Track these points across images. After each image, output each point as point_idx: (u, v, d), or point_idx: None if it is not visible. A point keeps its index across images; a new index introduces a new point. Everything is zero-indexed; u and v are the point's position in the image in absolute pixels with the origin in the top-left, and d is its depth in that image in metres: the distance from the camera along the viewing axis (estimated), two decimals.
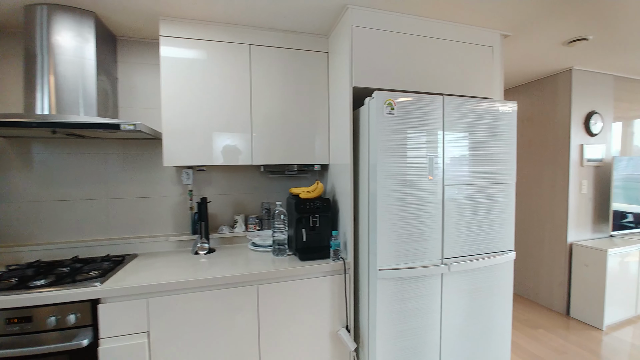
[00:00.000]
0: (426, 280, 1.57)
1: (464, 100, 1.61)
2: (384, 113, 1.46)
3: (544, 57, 2.46)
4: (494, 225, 1.71)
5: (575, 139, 2.75)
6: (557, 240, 2.85)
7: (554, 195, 2.87)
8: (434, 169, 1.56)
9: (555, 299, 2.92)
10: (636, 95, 3.07)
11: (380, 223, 1.48)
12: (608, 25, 1.92)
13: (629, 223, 2.89)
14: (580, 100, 2.75)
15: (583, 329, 2.60)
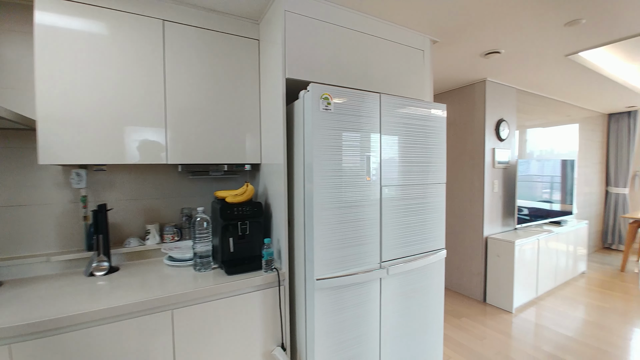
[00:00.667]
0: (366, 286, 1.50)
1: (400, 100, 1.59)
2: (320, 108, 1.33)
3: (465, 66, 2.66)
4: (427, 225, 1.73)
5: (489, 143, 3.05)
6: (475, 235, 3.13)
7: (472, 194, 3.14)
8: (372, 169, 1.50)
9: (474, 288, 3.20)
10: (532, 107, 3.57)
11: (318, 228, 1.35)
12: (516, 40, 2.13)
13: (526, 216, 3.33)
14: (492, 109, 3.06)
15: (497, 313, 2.88)
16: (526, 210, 3.28)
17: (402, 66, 1.87)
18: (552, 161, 3.62)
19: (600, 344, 2.37)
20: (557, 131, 4.00)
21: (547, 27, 1.94)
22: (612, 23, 1.89)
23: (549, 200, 3.55)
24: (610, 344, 2.37)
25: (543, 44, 2.21)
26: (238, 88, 1.70)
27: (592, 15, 1.80)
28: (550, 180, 3.58)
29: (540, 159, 3.61)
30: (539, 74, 2.89)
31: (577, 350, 2.30)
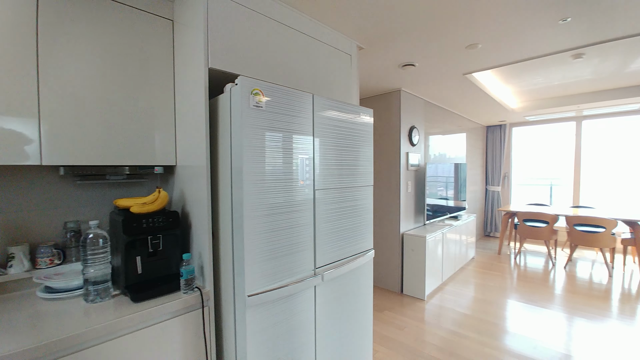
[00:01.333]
0: (301, 296, 1.42)
1: (332, 102, 1.56)
2: (250, 104, 1.20)
3: (386, 75, 2.84)
4: (358, 227, 1.75)
5: (403, 148, 3.34)
6: (394, 232, 3.38)
7: (390, 194, 3.39)
8: (305, 172, 1.43)
9: (393, 281, 3.45)
10: (434, 117, 4.07)
11: (248, 237, 1.21)
12: (426, 56, 2.36)
13: (432, 213, 3.77)
14: (406, 116, 3.36)
15: (413, 302, 3.16)
16: (432, 208, 3.70)
17: (331, 68, 1.86)
18: (448, 164, 4.20)
19: (488, 317, 2.81)
20: (451, 139, 4.66)
21: (452, 47, 2.20)
22: (502, 50, 2.26)
23: (447, 198, 4.09)
24: (495, 316, 2.83)
25: (447, 62, 2.51)
26: (147, 75, 1.42)
27: (488, 41, 2.12)
28: (448, 181, 4.13)
29: (440, 162, 4.13)
30: (442, 89, 3.30)
31: (473, 324, 2.68)
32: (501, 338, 2.48)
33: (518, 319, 2.79)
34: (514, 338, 2.48)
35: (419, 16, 1.76)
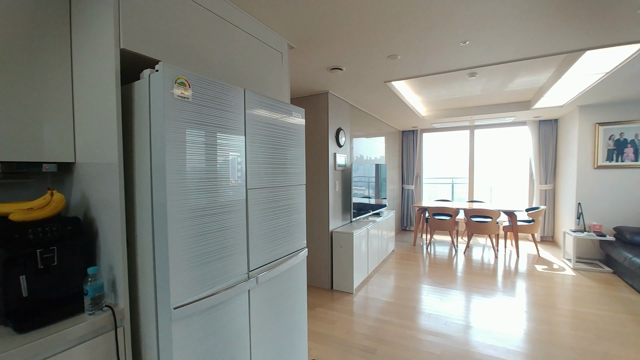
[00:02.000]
0: (234, 302, 1.33)
1: (265, 98, 1.52)
2: (175, 95, 1.08)
3: (315, 77, 2.90)
4: (291, 227, 1.74)
5: (331, 149, 3.47)
6: (323, 230, 3.47)
7: (320, 193, 3.47)
8: (237, 171, 1.35)
9: (323, 278, 3.54)
10: (359, 120, 4.33)
11: (173, 244, 1.08)
12: (352, 62, 2.50)
13: (357, 211, 4.00)
14: (333, 118, 3.49)
15: (342, 297, 3.29)
16: (357, 206, 3.92)
17: (263, 65, 1.81)
18: (370, 165, 4.52)
19: (408, 302, 3.12)
20: (373, 141, 5.03)
21: (375, 55, 2.37)
22: (417, 63, 2.53)
23: (370, 196, 4.40)
24: (413, 300, 3.16)
25: (371, 69, 2.70)
26: (28, 49, 1.15)
27: (406, 54, 2.35)
28: (370, 181, 4.44)
29: (363, 163, 4.42)
30: (366, 94, 3.53)
31: (395, 310, 2.93)
32: (419, 320, 2.78)
33: (431, 301, 3.16)
34: (429, 318, 2.80)
35: (347, 23, 1.85)
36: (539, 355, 2.23)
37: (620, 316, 2.79)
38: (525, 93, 3.98)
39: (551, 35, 2.07)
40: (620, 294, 3.28)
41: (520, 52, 2.36)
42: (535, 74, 3.16)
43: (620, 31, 2.00)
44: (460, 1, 1.64)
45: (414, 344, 2.39)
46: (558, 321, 2.71)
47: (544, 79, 3.37)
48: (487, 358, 2.20)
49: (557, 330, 2.55)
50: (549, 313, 2.86)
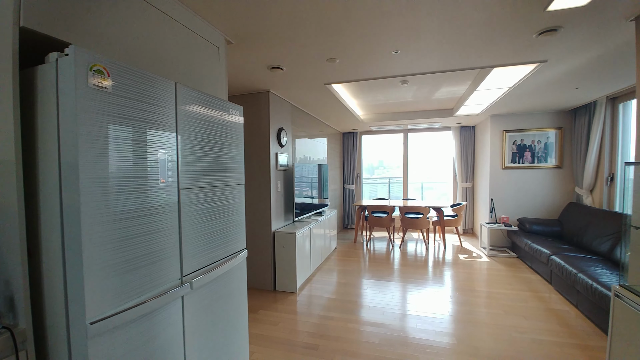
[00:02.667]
0: (166, 310, 1.24)
1: (200, 94, 1.44)
2: (90, 84, 0.96)
3: (255, 75, 2.85)
4: (229, 228, 1.68)
5: (273, 149, 3.43)
6: (265, 231, 3.42)
7: (261, 193, 3.41)
8: (167, 169, 1.26)
9: (266, 279, 3.48)
10: (301, 121, 4.37)
11: (89, 251, 0.96)
12: (292, 62, 2.52)
13: (300, 210, 4.04)
14: (274, 118, 3.47)
15: (285, 297, 3.28)
16: (300, 206, 3.95)
17: (198, 59, 1.72)
18: (313, 165, 4.60)
19: (349, 297, 3.24)
20: (315, 142, 5.13)
21: (315, 57, 2.43)
22: (354, 67, 2.65)
23: (313, 196, 4.48)
24: (354, 295, 3.30)
25: (312, 71, 2.75)
26: None
27: (344, 58, 2.44)
28: (313, 181, 4.52)
29: (306, 164, 4.48)
30: (307, 95, 3.58)
31: (338, 306, 3.03)
32: (360, 313, 2.91)
33: (371, 294, 3.33)
34: (368, 310, 2.95)
35: (284, 22, 1.85)
36: (461, 333, 2.51)
37: (523, 293, 3.28)
38: (449, 102, 4.46)
39: (468, 52, 2.35)
40: (523, 275, 3.87)
41: (443, 64, 2.64)
42: (456, 85, 3.56)
43: (519, 53, 2.37)
44: (390, 13, 1.77)
45: (354, 336, 2.50)
46: (476, 302, 3.08)
47: (463, 90, 3.81)
48: (419, 341, 2.41)
49: (475, 310, 2.90)
50: (469, 296, 3.24)
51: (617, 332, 1.57)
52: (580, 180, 4.34)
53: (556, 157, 4.78)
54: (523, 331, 2.52)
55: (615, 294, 1.56)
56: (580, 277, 2.76)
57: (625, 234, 1.69)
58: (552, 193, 4.82)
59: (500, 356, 2.20)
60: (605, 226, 3.44)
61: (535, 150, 4.88)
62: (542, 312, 2.84)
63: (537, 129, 4.86)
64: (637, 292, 1.46)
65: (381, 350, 2.30)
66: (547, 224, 4.42)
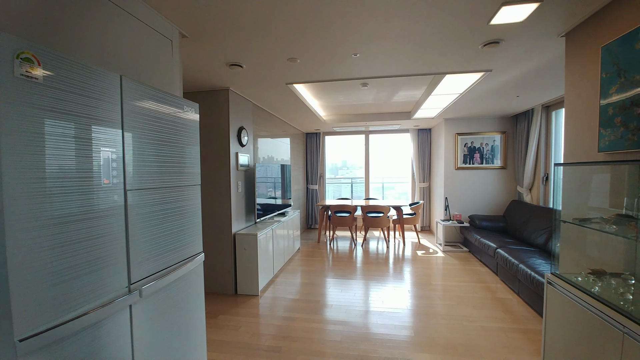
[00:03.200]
0: (110, 323, 1.14)
1: (149, 89, 1.36)
2: (17, 73, 0.86)
3: (213, 72, 2.74)
4: (185, 230, 1.60)
5: (233, 148, 3.34)
6: (225, 233, 3.31)
7: (221, 194, 3.30)
8: (112, 169, 1.17)
9: (226, 283, 3.37)
10: (263, 120, 4.31)
11: (18, 259, 0.86)
12: (253, 60, 2.47)
13: (262, 211, 3.98)
14: (235, 117, 3.37)
15: (247, 300, 3.20)
16: (262, 206, 3.89)
17: (149, 52, 1.62)
18: (276, 165, 4.55)
19: (312, 297, 3.25)
20: (278, 142, 5.08)
21: (276, 56, 2.40)
22: (315, 68, 2.66)
23: (276, 196, 4.43)
24: (317, 295, 3.31)
25: (273, 70, 2.72)
26: None
27: (305, 59, 2.44)
28: (276, 181, 4.47)
29: (269, 164, 4.41)
30: (269, 94, 3.53)
31: (301, 306, 3.02)
32: (323, 312, 2.93)
33: (334, 293, 3.37)
34: (331, 309, 2.98)
35: (243, 16, 1.81)
36: (418, 325, 2.63)
37: (473, 285, 3.53)
38: (407, 105, 4.67)
39: (423, 59, 2.48)
40: (473, 267, 4.16)
41: (400, 69, 2.76)
42: (413, 89, 3.74)
43: (468, 62, 2.55)
44: (350, 15, 1.80)
45: (317, 335, 2.51)
46: (432, 295, 3.25)
47: (420, 94, 4.01)
48: (380, 336, 2.48)
49: (431, 303, 3.07)
50: (426, 290, 3.41)
51: (550, 315, 1.74)
52: (521, 180, 4.78)
53: (501, 159, 5.22)
54: (473, 320, 2.71)
55: (548, 282, 1.74)
56: (521, 267, 3.04)
57: (556, 227, 1.90)
58: (498, 191, 5.25)
59: (453, 344, 2.35)
60: (541, 221, 3.83)
61: (484, 152, 5.28)
62: (489, 301, 3.08)
63: (485, 132, 5.26)
64: (566, 279, 1.64)
65: (343, 347, 2.34)
66: (494, 220, 4.81)
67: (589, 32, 1.81)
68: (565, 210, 1.85)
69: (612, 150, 1.63)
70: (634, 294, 1.38)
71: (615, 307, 1.31)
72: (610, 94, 1.65)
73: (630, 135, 1.52)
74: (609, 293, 1.45)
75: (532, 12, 1.77)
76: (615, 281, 1.52)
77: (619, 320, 1.25)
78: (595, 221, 1.63)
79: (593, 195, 1.77)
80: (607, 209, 1.61)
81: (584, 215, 1.73)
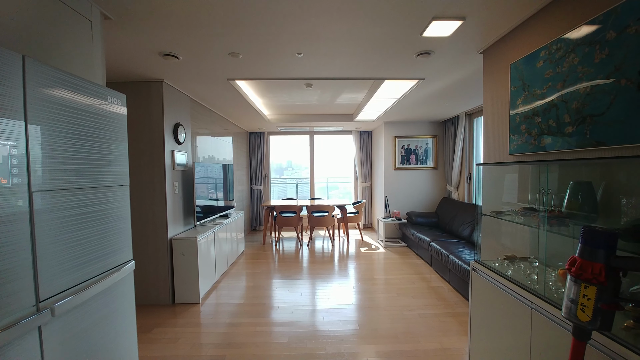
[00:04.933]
0: (12, 350, 0.95)
1: (62, 74, 1.17)
2: None
3: (144, 61, 2.49)
4: (109, 237, 1.42)
5: (169, 146, 3.08)
6: (160, 238, 3.04)
7: (154, 196, 3.02)
8: (12, 166, 0.98)
9: (162, 293, 3.09)
10: (203, 117, 4.06)
11: None
12: (190, 51, 2.31)
13: (202, 214, 3.75)
14: (170, 112, 3.11)
15: (186, 309, 2.98)
16: (203, 208, 3.66)
17: (63, 32, 1.39)
18: (217, 165, 4.34)
19: (258, 300, 3.17)
20: (219, 141, 4.85)
21: (216, 50, 2.28)
22: (259, 66, 2.59)
23: (217, 198, 4.21)
24: (263, 297, 3.24)
25: (212, 64, 2.57)
26: None
27: (247, 54, 2.36)
28: (217, 182, 4.26)
29: (210, 163, 4.18)
30: (209, 90, 3.34)
31: (246, 310, 2.92)
32: (269, 314, 2.86)
33: (280, 294, 3.33)
34: (278, 310, 2.94)
35: (176, 3, 1.68)
36: (363, 319, 2.74)
37: (411, 276, 3.80)
38: (350, 107, 4.84)
39: (365, 64, 2.59)
40: (411, 261, 4.49)
41: (343, 72, 2.84)
42: (355, 92, 3.89)
43: (404, 69, 2.74)
44: (293, 14, 1.79)
45: (263, 339, 2.45)
46: (375, 289, 3.42)
47: (361, 97, 4.19)
48: (326, 332, 2.52)
49: (374, 297, 3.22)
50: (369, 284, 3.57)
51: (474, 297, 1.96)
52: (450, 179, 5.30)
53: (433, 160, 5.73)
54: (412, 309, 2.92)
55: (472, 268, 1.96)
56: (451, 258, 3.37)
57: (478, 220, 2.14)
58: (431, 190, 5.75)
59: (395, 333, 2.49)
60: (466, 216, 4.29)
61: (419, 154, 5.74)
62: (425, 291, 3.35)
63: (419, 136, 5.72)
64: (487, 266, 1.86)
65: (290, 348, 2.32)
66: (428, 216, 5.25)
67: (501, 50, 2.08)
68: (484, 205, 2.10)
69: (519, 152, 1.90)
70: (538, 275, 1.62)
71: (524, 286, 1.52)
72: (517, 105, 1.92)
73: (532, 140, 1.79)
74: (519, 275, 1.68)
75: (456, 28, 1.97)
76: (523, 264, 1.77)
77: (527, 298, 1.46)
78: (508, 214, 1.87)
79: (506, 191, 2.04)
80: (516, 203, 1.87)
81: (499, 209, 1.99)
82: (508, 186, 2.02)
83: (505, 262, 1.84)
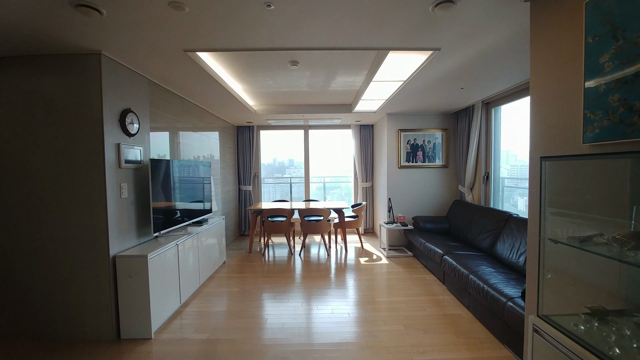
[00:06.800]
0: None
1: None
2: None
3: (57, 18, 1.81)
4: None
5: (111, 137, 2.40)
6: (98, 257, 2.36)
7: (90, 202, 2.34)
8: None
9: (103, 326, 2.41)
10: (167, 105, 3.37)
11: None
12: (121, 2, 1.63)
13: (169, 221, 3.09)
14: (114, 95, 2.43)
15: (134, 347, 2.31)
16: (166, 215, 2.98)
17: None
18: (189, 163, 3.66)
19: (234, 335, 2.48)
20: (197, 135, 4.17)
21: None
22: (219, 27, 1.90)
23: (188, 201, 3.54)
24: (242, 331, 2.55)
25: (153, 24, 1.89)
26: None
27: (195, 6, 1.67)
28: (188, 182, 3.59)
29: (180, 160, 3.51)
30: (166, 66, 2.65)
31: (215, 351, 2.24)
32: (248, 357, 2.18)
33: (264, 326, 2.64)
34: (262, 352, 2.25)
35: None
36: None
37: (421, 299, 3.11)
38: (347, 95, 4.14)
39: (361, 24, 1.90)
40: (419, 276, 3.79)
41: (332, 39, 2.15)
42: (352, 75, 3.19)
43: (414, 35, 2.04)
44: None
45: None
46: (376, 318, 2.72)
47: (360, 81, 3.48)
48: None
49: (375, 330, 2.52)
50: (370, 310, 2.88)
51: None
52: (463, 179, 4.59)
53: (443, 157, 5.02)
54: (424, 351, 2.22)
55: (534, 329, 1.27)
56: (472, 279, 2.67)
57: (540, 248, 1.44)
58: (440, 191, 5.04)
59: None
60: (485, 222, 3.58)
61: (426, 150, 5.03)
62: (439, 321, 2.65)
63: (427, 129, 5.01)
64: (564, 331, 1.17)
65: None
66: (438, 222, 4.55)
67: None
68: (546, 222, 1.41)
69: (604, 140, 1.20)
70: None
71: None
72: (601, 66, 1.22)
73: (636, 119, 1.09)
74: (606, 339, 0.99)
75: None
76: (617, 324, 1.07)
77: None
78: (596, 242, 1.17)
79: (578, 199, 1.34)
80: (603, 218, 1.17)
81: (572, 229, 1.29)
82: (577, 191, 1.33)
83: (593, 321, 1.13)
